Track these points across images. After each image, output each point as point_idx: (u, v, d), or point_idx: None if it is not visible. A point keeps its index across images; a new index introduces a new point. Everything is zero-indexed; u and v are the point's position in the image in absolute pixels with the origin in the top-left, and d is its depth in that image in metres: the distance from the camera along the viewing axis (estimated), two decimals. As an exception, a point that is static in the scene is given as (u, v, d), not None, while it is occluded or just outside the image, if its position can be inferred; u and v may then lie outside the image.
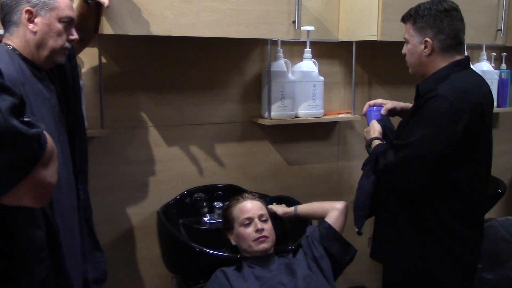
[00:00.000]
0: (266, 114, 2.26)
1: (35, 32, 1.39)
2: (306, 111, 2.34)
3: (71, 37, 1.47)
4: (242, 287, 1.69)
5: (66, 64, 1.56)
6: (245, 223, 1.82)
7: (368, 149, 1.83)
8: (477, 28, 2.50)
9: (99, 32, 1.77)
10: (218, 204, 2.15)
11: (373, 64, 2.61)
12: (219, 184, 2.27)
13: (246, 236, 1.80)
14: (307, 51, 2.33)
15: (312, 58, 2.34)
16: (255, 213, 1.83)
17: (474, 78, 1.75)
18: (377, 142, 1.79)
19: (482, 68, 2.75)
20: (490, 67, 2.79)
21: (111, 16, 1.75)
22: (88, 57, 2.00)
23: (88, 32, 1.76)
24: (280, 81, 2.25)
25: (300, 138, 2.50)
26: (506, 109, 2.90)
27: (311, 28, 2.28)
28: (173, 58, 2.17)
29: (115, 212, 2.14)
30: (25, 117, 0.89)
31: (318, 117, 2.38)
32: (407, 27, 1.76)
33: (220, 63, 2.26)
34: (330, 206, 1.92)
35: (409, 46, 1.76)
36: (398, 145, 1.67)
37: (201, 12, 1.88)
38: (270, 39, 2.23)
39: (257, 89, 2.34)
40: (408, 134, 1.66)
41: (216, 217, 2.13)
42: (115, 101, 2.08)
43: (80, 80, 1.76)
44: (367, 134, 1.87)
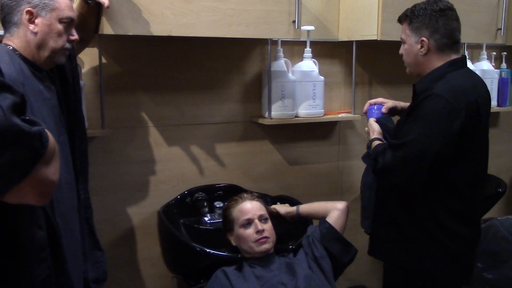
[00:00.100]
0: (267, 114, 2.26)
1: (35, 33, 1.39)
2: (306, 110, 2.34)
3: (71, 38, 1.47)
4: (242, 287, 1.69)
5: (66, 65, 1.56)
6: (245, 224, 1.81)
7: (369, 150, 1.84)
8: (477, 27, 2.50)
9: (99, 32, 1.77)
10: (218, 204, 2.15)
11: (373, 63, 2.61)
12: (220, 184, 2.27)
13: (247, 237, 1.79)
14: (307, 51, 2.33)
15: (312, 58, 2.34)
16: (255, 214, 1.82)
17: (470, 77, 1.76)
18: (377, 143, 1.80)
19: (482, 67, 2.75)
20: (490, 66, 2.79)
21: (111, 16, 1.75)
22: (89, 57, 2.00)
23: (88, 32, 1.77)
24: (281, 81, 2.25)
25: (300, 138, 2.50)
26: (506, 109, 2.90)
27: (311, 27, 2.28)
28: (173, 58, 2.17)
29: (115, 212, 2.14)
30: (26, 116, 0.89)
31: (318, 116, 2.38)
32: (403, 27, 1.77)
33: (220, 63, 2.26)
34: (332, 206, 1.92)
35: (405, 46, 1.78)
36: (396, 144, 1.68)
37: (201, 12, 1.88)
38: (270, 39, 2.23)
39: (258, 89, 2.34)
40: (405, 133, 1.67)
41: (217, 217, 2.13)
42: (115, 101, 2.08)
43: (80, 80, 1.76)
44: (367, 135, 1.88)
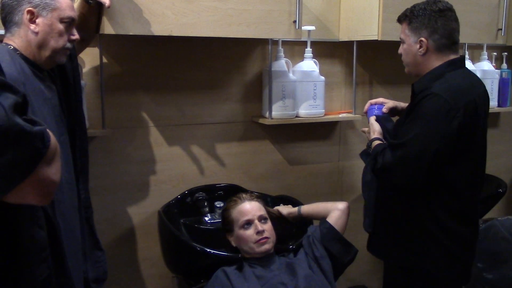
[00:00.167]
0: (267, 114, 2.26)
1: (36, 33, 1.39)
2: (307, 110, 2.34)
3: (72, 37, 1.47)
4: (243, 286, 1.69)
5: (67, 64, 1.56)
6: (245, 225, 1.80)
7: (369, 150, 1.84)
8: (478, 27, 2.50)
9: (100, 32, 1.77)
10: (219, 204, 2.15)
11: (374, 63, 2.61)
12: (220, 184, 2.27)
13: (247, 238, 1.79)
14: (308, 51, 2.33)
15: (313, 58, 2.34)
16: (255, 215, 1.82)
17: (469, 77, 1.77)
18: (377, 142, 1.80)
19: (483, 68, 2.75)
20: (491, 67, 2.79)
21: (112, 16, 1.75)
22: (89, 57, 2.00)
23: (89, 32, 1.77)
24: (281, 81, 2.25)
25: (301, 137, 2.50)
26: (507, 109, 2.90)
27: (312, 28, 2.28)
28: (174, 58, 2.17)
29: (116, 211, 2.14)
30: (28, 116, 0.88)
31: (319, 116, 2.38)
32: (402, 27, 1.79)
33: (221, 63, 2.26)
34: (332, 207, 1.92)
35: (404, 46, 1.79)
36: (395, 144, 1.69)
37: (202, 12, 1.88)
38: (271, 39, 2.23)
39: (258, 89, 2.34)
40: (404, 133, 1.69)
41: (217, 217, 2.13)
42: (116, 101, 2.08)
43: (81, 80, 1.76)
44: (368, 135, 1.88)
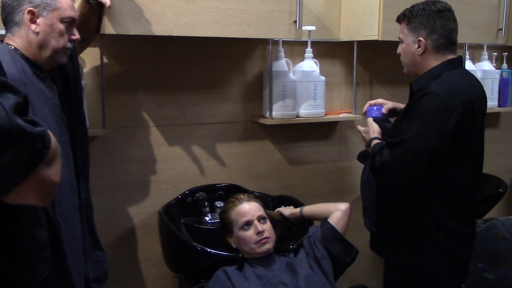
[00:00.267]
0: (268, 114, 2.26)
1: (37, 33, 1.39)
2: (307, 110, 2.34)
3: (73, 37, 1.47)
4: (243, 286, 1.69)
5: (68, 64, 1.56)
6: (245, 226, 1.80)
7: (368, 149, 1.85)
8: (478, 27, 2.50)
9: (101, 32, 1.78)
10: (219, 204, 2.15)
11: (374, 64, 2.61)
12: (221, 184, 2.27)
13: (247, 239, 1.78)
14: (308, 51, 2.33)
15: (314, 58, 2.34)
16: (254, 215, 1.81)
17: (466, 76, 1.78)
18: (376, 142, 1.81)
19: (483, 68, 2.75)
20: (491, 67, 2.79)
21: (113, 16, 1.75)
22: (90, 57, 2.00)
23: (89, 32, 1.77)
24: (282, 81, 2.25)
25: (301, 138, 2.50)
26: (507, 109, 2.90)
27: (313, 28, 2.28)
28: (174, 58, 2.17)
29: (116, 211, 2.14)
30: (28, 116, 0.89)
31: (319, 116, 2.38)
32: (401, 27, 1.80)
33: (221, 63, 2.26)
34: (334, 207, 1.92)
35: (403, 46, 1.80)
36: (393, 142, 1.70)
37: (202, 12, 1.88)
38: (271, 39, 2.23)
39: (259, 89, 2.35)
40: (402, 132, 1.70)
41: (218, 217, 2.12)
42: (116, 101, 2.08)
43: (82, 80, 1.76)
44: (366, 135, 1.89)
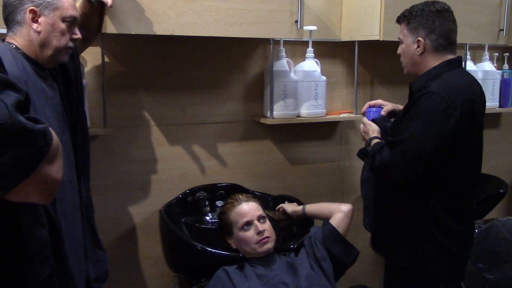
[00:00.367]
0: (268, 114, 2.26)
1: (39, 32, 1.39)
2: (308, 110, 2.34)
3: (74, 36, 1.47)
4: (244, 286, 1.69)
5: (69, 63, 1.56)
6: (245, 226, 1.79)
7: (368, 148, 1.85)
8: (479, 28, 2.50)
9: (102, 31, 1.78)
10: (220, 203, 2.14)
11: (375, 64, 2.62)
12: (221, 183, 2.27)
13: (248, 240, 1.78)
14: (310, 51, 2.33)
15: (315, 58, 2.34)
16: (254, 215, 1.81)
17: (465, 76, 1.79)
18: (375, 141, 1.82)
19: (484, 68, 2.75)
20: (492, 67, 2.79)
21: (114, 15, 1.75)
22: (91, 56, 2.01)
23: (91, 31, 1.77)
24: (283, 81, 2.25)
25: (302, 137, 2.50)
26: (508, 109, 2.90)
27: (314, 27, 2.28)
28: (175, 58, 2.17)
29: (117, 211, 2.15)
30: (30, 114, 0.89)
31: (320, 116, 2.38)
32: (401, 27, 1.81)
33: (222, 63, 2.26)
34: (336, 208, 1.92)
35: (403, 46, 1.81)
36: (393, 142, 1.71)
37: (203, 12, 1.88)
38: (273, 39, 2.23)
39: (260, 89, 2.35)
40: (402, 131, 1.70)
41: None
42: (117, 100, 2.08)
43: (83, 79, 1.77)
44: (366, 135, 1.89)
